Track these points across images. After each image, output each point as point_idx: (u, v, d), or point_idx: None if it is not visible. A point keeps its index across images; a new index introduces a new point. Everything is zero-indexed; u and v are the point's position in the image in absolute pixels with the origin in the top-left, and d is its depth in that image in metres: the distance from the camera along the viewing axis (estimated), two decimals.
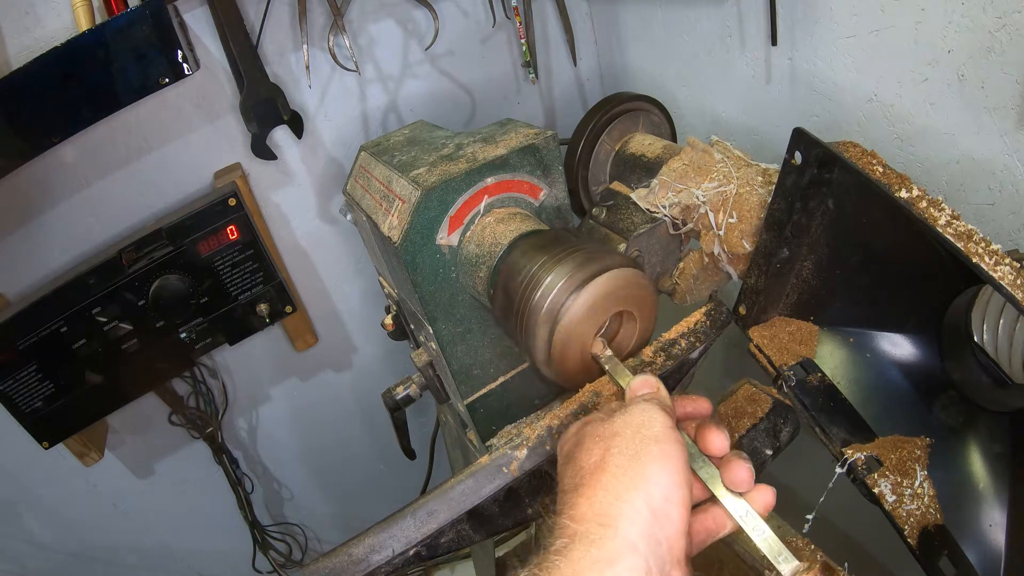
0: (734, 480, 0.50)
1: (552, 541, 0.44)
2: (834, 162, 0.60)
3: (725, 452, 0.52)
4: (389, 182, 0.82)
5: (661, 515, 0.45)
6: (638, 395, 0.56)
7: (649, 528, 0.44)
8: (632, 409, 0.52)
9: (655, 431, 0.49)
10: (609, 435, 0.50)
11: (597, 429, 0.51)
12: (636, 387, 0.57)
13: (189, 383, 1.33)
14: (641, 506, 0.44)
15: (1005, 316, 0.61)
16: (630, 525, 0.43)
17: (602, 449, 0.49)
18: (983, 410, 0.64)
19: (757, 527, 0.49)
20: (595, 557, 0.42)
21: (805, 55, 0.93)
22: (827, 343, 0.72)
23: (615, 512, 0.44)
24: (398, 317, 1.02)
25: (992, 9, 0.68)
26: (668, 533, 0.45)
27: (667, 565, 0.44)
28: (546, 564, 0.43)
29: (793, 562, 0.47)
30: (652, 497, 0.45)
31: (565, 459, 0.53)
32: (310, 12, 1.10)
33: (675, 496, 0.46)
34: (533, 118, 1.43)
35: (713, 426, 0.53)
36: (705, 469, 0.52)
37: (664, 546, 0.44)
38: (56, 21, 0.96)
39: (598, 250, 0.67)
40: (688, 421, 0.58)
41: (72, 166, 1.07)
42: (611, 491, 0.46)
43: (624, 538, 0.43)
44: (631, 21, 1.27)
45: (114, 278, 1.04)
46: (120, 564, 1.51)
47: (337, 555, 0.57)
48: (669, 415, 0.51)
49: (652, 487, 0.45)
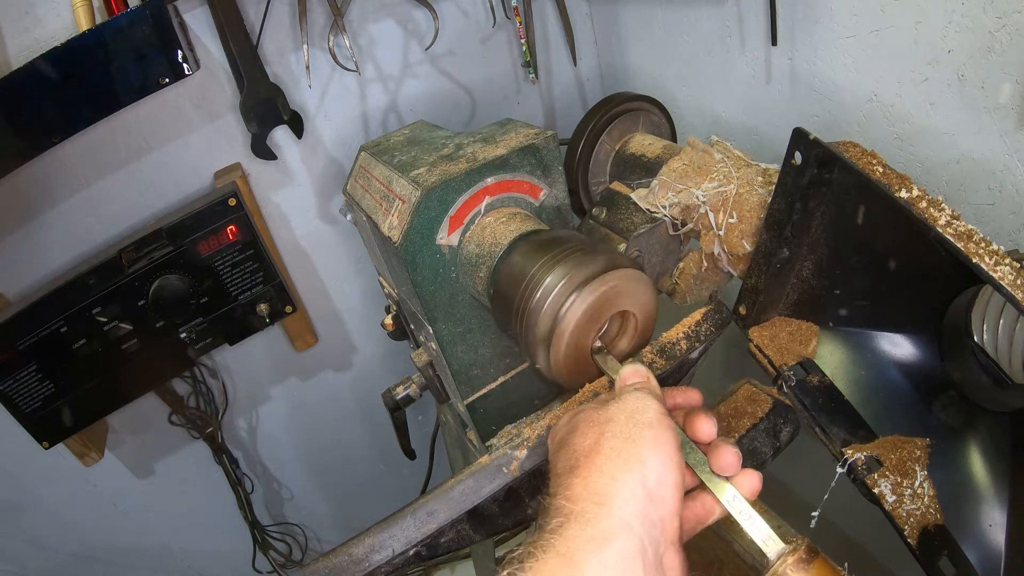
0: (721, 464, 0.51)
1: (547, 521, 0.45)
2: (834, 162, 0.60)
3: (713, 438, 0.53)
4: (389, 182, 0.82)
5: (656, 496, 0.45)
6: (629, 383, 0.57)
7: (644, 508, 0.44)
8: (625, 397, 0.52)
9: (648, 417, 0.50)
10: (603, 420, 0.50)
11: (591, 415, 0.52)
12: (626, 376, 0.58)
13: (189, 383, 1.33)
14: (636, 486, 0.45)
15: (1005, 316, 0.60)
16: (625, 505, 0.44)
17: (596, 433, 0.49)
18: (983, 410, 0.64)
19: (744, 511, 0.50)
20: (590, 535, 0.42)
21: (805, 55, 0.93)
22: (827, 343, 0.72)
23: (610, 492, 0.44)
24: (398, 317, 1.02)
25: (992, 9, 0.68)
26: (663, 514, 0.45)
27: (661, 545, 0.45)
28: (541, 543, 0.43)
29: (779, 544, 0.47)
30: (647, 478, 0.45)
31: (558, 445, 0.53)
32: (310, 12, 1.10)
33: (669, 478, 0.46)
34: (533, 118, 1.43)
35: (701, 413, 0.54)
36: (693, 455, 0.52)
37: (658, 527, 0.44)
38: (56, 21, 0.96)
39: (598, 250, 0.67)
40: (677, 411, 0.58)
41: (72, 166, 1.07)
42: (606, 472, 0.46)
43: (619, 517, 0.43)
44: (631, 21, 1.27)
45: (114, 278, 1.04)
46: (120, 564, 1.51)
47: (337, 555, 0.57)
48: (661, 403, 0.52)
49: (647, 469, 0.46)
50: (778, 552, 0.47)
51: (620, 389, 0.57)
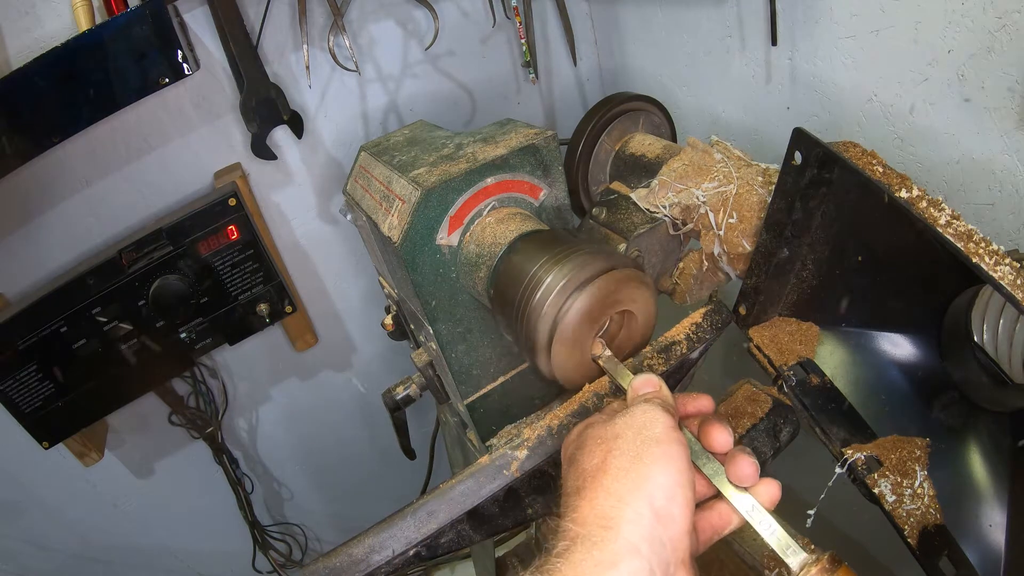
0: (739, 475, 0.50)
1: (554, 544, 0.44)
2: (834, 162, 0.60)
3: (729, 448, 0.52)
4: (389, 182, 0.82)
5: (664, 516, 0.44)
6: (640, 394, 0.56)
7: (651, 530, 0.44)
8: (634, 411, 0.51)
9: (656, 432, 0.49)
10: (611, 437, 0.50)
11: (598, 431, 0.51)
12: (638, 386, 0.57)
13: (189, 383, 1.33)
14: (643, 508, 0.44)
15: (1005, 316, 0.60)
16: (632, 527, 0.43)
17: (603, 451, 0.49)
18: (983, 410, 0.64)
19: (763, 521, 0.49)
20: (597, 559, 0.42)
21: (805, 55, 0.93)
22: (827, 343, 0.72)
23: (616, 514, 0.44)
24: (398, 317, 1.02)
25: (992, 9, 0.68)
26: (671, 534, 0.44)
27: (671, 566, 0.44)
28: (547, 567, 0.42)
29: (801, 555, 0.47)
30: (654, 498, 0.45)
31: (568, 462, 0.53)
32: (310, 12, 1.10)
33: (678, 496, 0.46)
34: (533, 118, 1.43)
35: (716, 422, 0.53)
36: (709, 465, 0.52)
37: (668, 547, 0.44)
38: (56, 21, 0.96)
39: (598, 250, 0.67)
40: (690, 419, 0.58)
41: (72, 166, 1.07)
42: (613, 493, 0.45)
43: (626, 540, 0.43)
44: (631, 21, 1.27)
45: (114, 278, 1.04)
46: (120, 564, 1.51)
47: (337, 555, 0.57)
48: (671, 415, 0.51)
49: (654, 488, 0.45)
50: (800, 562, 0.46)
51: (632, 400, 0.56)
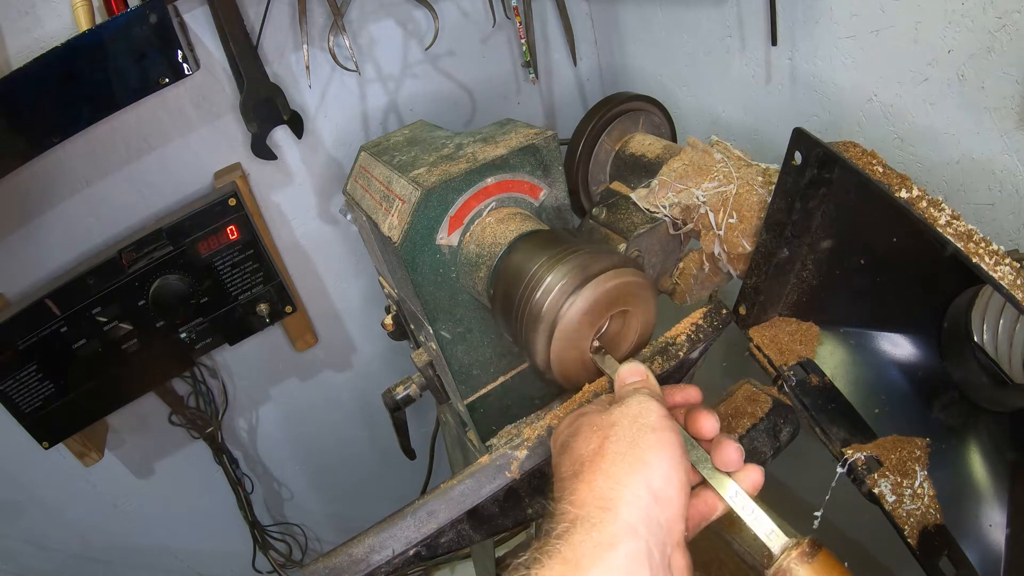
0: (724, 460, 0.51)
1: (553, 526, 0.45)
2: (834, 162, 0.60)
3: (715, 434, 0.54)
4: (389, 182, 0.82)
5: (661, 498, 0.45)
6: (628, 383, 0.57)
7: (649, 511, 0.44)
8: (629, 400, 0.52)
9: (651, 420, 0.50)
10: (607, 424, 0.50)
11: (593, 419, 0.52)
12: (625, 374, 0.58)
13: (189, 383, 1.33)
14: (641, 490, 0.45)
15: (1005, 316, 0.61)
16: (630, 508, 0.44)
17: (600, 437, 0.49)
18: (983, 410, 0.64)
19: (746, 506, 0.50)
20: (596, 540, 0.42)
21: (805, 55, 0.93)
22: (827, 343, 0.72)
23: (615, 496, 0.45)
24: (398, 317, 1.02)
25: (992, 9, 0.68)
26: (668, 516, 0.45)
27: (667, 547, 0.45)
28: (547, 548, 0.43)
29: (783, 539, 0.48)
30: (652, 481, 0.45)
31: (560, 449, 0.53)
32: (310, 12, 1.10)
33: (674, 479, 0.46)
34: (533, 118, 1.43)
35: (702, 410, 0.55)
36: (695, 452, 0.53)
37: (664, 529, 0.45)
38: (56, 21, 0.96)
39: (598, 250, 0.67)
40: (677, 409, 0.58)
41: (72, 166, 1.07)
42: (611, 476, 0.46)
43: (624, 521, 0.43)
44: (631, 21, 1.27)
45: (114, 278, 1.04)
46: (120, 564, 1.51)
47: (337, 555, 0.57)
48: (662, 404, 0.52)
49: (652, 472, 0.46)
50: (782, 546, 0.47)
51: (620, 388, 0.57)
